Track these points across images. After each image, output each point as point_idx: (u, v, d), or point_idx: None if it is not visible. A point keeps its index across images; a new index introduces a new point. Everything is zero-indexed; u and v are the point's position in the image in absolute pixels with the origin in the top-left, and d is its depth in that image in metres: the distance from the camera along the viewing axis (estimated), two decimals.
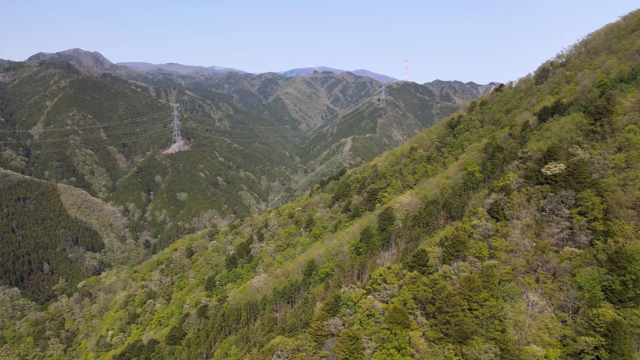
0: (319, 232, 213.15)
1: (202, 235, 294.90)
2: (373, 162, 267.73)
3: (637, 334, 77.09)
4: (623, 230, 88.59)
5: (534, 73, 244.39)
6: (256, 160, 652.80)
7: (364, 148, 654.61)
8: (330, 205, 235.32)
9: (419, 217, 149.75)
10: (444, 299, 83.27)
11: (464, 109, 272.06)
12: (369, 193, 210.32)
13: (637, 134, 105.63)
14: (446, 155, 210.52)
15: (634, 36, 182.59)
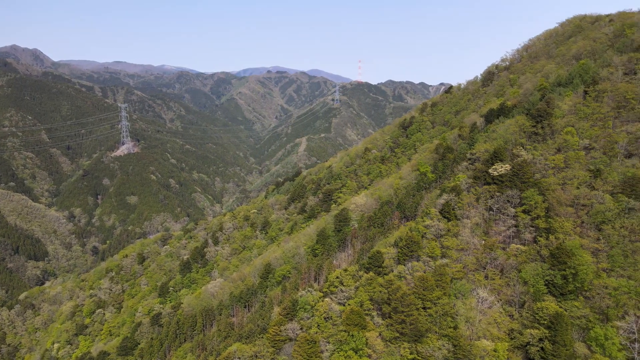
0: (275, 234, 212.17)
1: (155, 240, 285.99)
2: (328, 163, 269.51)
3: (577, 325, 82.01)
4: (563, 227, 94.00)
5: (481, 76, 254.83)
6: (210, 161, 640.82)
7: (319, 148, 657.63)
8: (286, 206, 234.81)
9: (374, 217, 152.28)
10: (399, 299, 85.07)
11: (415, 109, 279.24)
12: (325, 194, 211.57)
13: (574, 136, 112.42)
14: (399, 156, 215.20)
15: (570, 42, 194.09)
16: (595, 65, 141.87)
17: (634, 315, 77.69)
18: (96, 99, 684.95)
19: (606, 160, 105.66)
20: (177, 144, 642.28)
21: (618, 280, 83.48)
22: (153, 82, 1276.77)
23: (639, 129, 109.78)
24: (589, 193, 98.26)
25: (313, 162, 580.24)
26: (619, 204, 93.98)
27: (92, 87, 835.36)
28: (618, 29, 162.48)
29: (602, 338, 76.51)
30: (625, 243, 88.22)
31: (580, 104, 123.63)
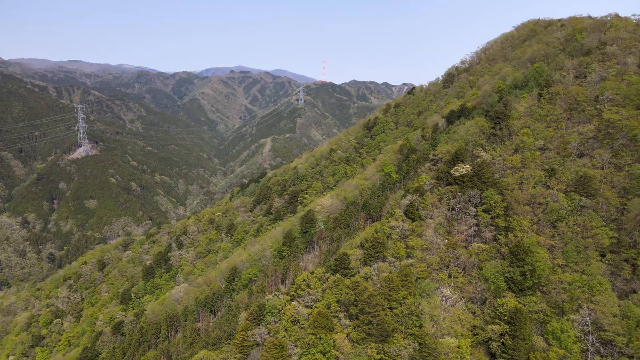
0: (240, 237, 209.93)
1: (116, 246, 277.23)
2: (293, 164, 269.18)
3: (535, 320, 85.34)
4: (521, 225, 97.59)
5: (442, 77, 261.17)
6: (172, 163, 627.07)
7: (284, 148, 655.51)
8: (252, 208, 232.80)
9: (339, 218, 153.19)
10: (365, 300, 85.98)
11: (379, 110, 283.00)
12: (290, 195, 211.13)
13: (530, 137, 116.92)
14: (364, 156, 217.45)
15: (525, 45, 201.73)
16: (549, 69, 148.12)
17: (587, 308, 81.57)
18: (50, 99, 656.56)
19: (560, 160, 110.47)
20: (138, 145, 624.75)
21: (572, 275, 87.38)
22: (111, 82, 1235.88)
23: (589, 130, 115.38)
24: (545, 192, 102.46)
25: (278, 162, 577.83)
26: (571, 202, 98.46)
27: (46, 87, 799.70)
28: (569, 34, 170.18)
29: (559, 331, 79.92)
30: (578, 239, 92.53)
31: (535, 106, 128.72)
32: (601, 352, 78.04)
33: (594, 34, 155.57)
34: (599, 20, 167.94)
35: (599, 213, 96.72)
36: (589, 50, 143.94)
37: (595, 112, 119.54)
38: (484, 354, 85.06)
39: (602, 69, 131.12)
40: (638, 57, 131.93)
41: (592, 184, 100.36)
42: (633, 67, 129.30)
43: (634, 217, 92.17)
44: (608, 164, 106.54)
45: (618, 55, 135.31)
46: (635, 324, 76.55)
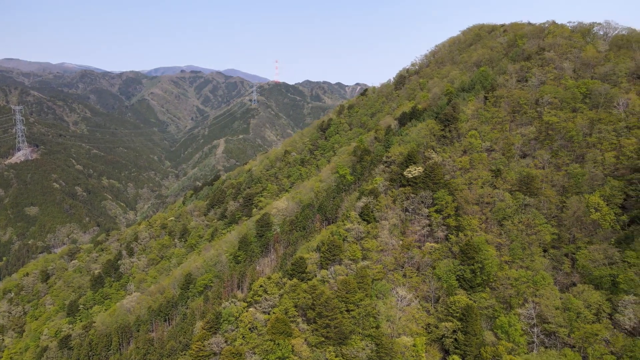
0: (195, 242, 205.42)
1: (61, 255, 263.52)
2: (248, 166, 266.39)
3: (485, 315, 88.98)
4: (470, 225, 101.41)
5: (393, 79, 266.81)
6: (121, 166, 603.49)
7: (237, 149, 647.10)
8: (206, 212, 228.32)
9: (295, 221, 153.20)
10: (323, 303, 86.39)
11: (333, 112, 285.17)
12: (245, 198, 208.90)
13: (478, 139, 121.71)
14: (319, 158, 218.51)
15: (471, 49, 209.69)
16: (493, 73, 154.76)
17: (532, 302, 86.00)
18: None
19: (505, 161, 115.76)
20: (83, 148, 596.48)
21: (518, 271, 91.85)
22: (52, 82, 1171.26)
23: (531, 132, 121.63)
24: (492, 192, 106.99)
25: (232, 164, 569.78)
26: (516, 201, 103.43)
27: None
28: (511, 39, 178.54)
29: (507, 325, 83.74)
30: (522, 237, 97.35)
31: (481, 108, 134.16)
32: (545, 343, 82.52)
33: (533, 40, 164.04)
34: (538, 27, 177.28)
35: (541, 211, 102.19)
36: (529, 55, 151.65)
37: (536, 115, 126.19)
38: (438, 350, 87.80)
39: (542, 74, 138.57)
40: (573, 62, 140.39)
41: (535, 183, 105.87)
42: (569, 71, 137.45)
43: (572, 214, 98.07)
44: (548, 164, 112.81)
45: (555, 60, 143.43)
46: (575, 315, 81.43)
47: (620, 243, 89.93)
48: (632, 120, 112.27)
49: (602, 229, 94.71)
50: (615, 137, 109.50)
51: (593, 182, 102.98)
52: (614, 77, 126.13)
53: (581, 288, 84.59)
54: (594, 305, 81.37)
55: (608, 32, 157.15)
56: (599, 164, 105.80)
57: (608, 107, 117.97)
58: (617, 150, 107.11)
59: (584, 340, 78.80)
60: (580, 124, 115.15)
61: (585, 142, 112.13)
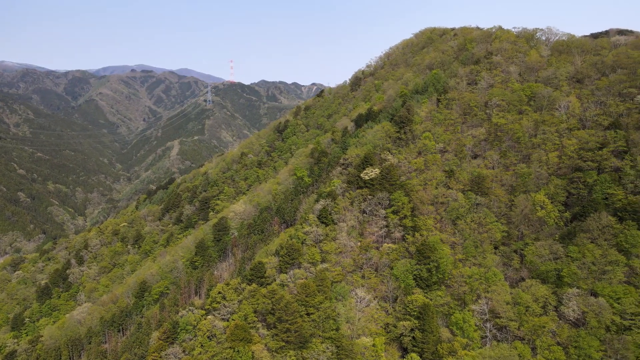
0: (149, 248, 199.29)
1: (3, 265, 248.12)
2: (204, 169, 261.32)
3: (441, 312, 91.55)
4: (426, 225, 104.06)
5: (349, 80, 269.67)
6: (68, 170, 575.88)
7: (193, 151, 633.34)
8: (161, 217, 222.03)
9: (253, 224, 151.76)
10: (283, 308, 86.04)
11: (290, 113, 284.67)
12: (202, 202, 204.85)
13: (431, 140, 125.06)
14: (276, 160, 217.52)
15: (423, 52, 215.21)
16: (445, 75, 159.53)
17: (485, 298, 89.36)
18: None
19: (457, 162, 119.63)
20: (25, 152, 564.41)
21: (471, 268, 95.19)
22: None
23: (481, 133, 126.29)
24: (445, 192, 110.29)
25: (187, 166, 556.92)
26: (468, 200, 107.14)
27: None
28: (461, 43, 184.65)
29: (461, 321, 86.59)
30: (475, 235, 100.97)
31: (434, 110, 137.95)
32: (497, 337, 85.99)
33: (482, 44, 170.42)
34: (486, 32, 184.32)
35: (492, 209, 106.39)
36: (478, 59, 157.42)
37: (486, 117, 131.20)
38: (397, 349, 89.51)
39: (490, 77, 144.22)
40: (519, 66, 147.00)
41: (485, 183, 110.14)
42: (515, 75, 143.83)
43: (520, 212, 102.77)
44: (497, 164, 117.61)
45: (502, 64, 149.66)
46: (524, 309, 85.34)
47: (563, 239, 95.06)
48: (573, 122, 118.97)
49: (547, 226, 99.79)
50: (557, 138, 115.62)
51: (538, 181, 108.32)
52: (556, 81, 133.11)
53: (529, 283, 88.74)
54: (541, 299, 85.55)
55: (550, 38, 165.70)
56: (543, 163, 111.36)
57: (551, 110, 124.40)
58: (560, 150, 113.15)
59: (532, 332, 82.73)
60: (526, 125, 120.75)
61: (530, 142, 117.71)
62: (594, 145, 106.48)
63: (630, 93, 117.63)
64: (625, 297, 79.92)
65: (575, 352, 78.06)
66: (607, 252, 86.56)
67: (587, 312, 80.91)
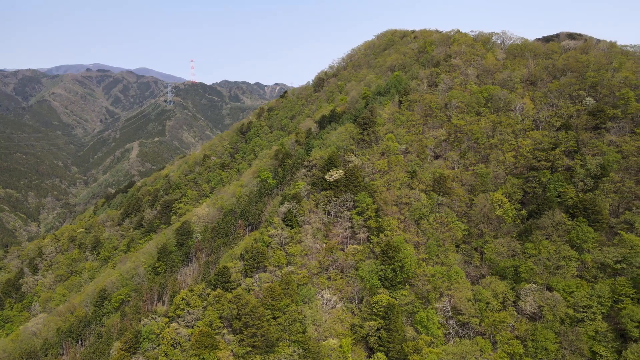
0: (109, 255, 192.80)
1: None
2: (165, 172, 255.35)
3: (405, 311, 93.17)
4: (390, 225, 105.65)
5: (312, 81, 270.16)
6: (19, 174, 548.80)
7: (153, 153, 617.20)
8: (120, 222, 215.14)
9: (217, 228, 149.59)
10: (249, 312, 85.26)
11: (253, 114, 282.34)
12: (163, 206, 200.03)
13: (394, 142, 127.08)
14: (240, 162, 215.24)
15: (385, 54, 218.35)
16: (406, 77, 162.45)
17: (448, 295, 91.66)
18: None
19: (419, 163, 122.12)
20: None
21: (434, 267, 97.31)
22: None
23: (442, 134, 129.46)
24: (408, 192, 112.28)
25: (148, 168, 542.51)
26: (431, 200, 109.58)
27: None
28: (421, 46, 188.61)
29: (425, 320, 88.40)
30: (437, 234, 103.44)
31: (396, 112, 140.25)
32: (460, 333, 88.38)
33: (441, 47, 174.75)
34: (445, 35, 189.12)
35: (453, 209, 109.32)
36: (438, 61, 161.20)
37: (446, 118, 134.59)
38: (363, 349, 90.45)
39: (449, 79, 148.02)
40: (476, 69, 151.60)
41: (446, 183, 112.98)
42: (473, 77, 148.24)
43: (479, 210, 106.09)
44: (458, 164, 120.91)
45: (461, 66, 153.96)
46: (485, 305, 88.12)
47: (520, 236, 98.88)
48: (527, 123, 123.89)
49: (505, 224, 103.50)
50: (513, 139, 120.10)
51: (496, 180, 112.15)
52: (511, 83, 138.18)
53: (489, 280, 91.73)
54: (500, 295, 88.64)
55: (505, 41, 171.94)
56: (501, 163, 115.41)
57: (507, 111, 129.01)
58: (516, 150, 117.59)
59: (492, 327, 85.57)
60: (484, 126, 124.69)
61: (488, 143, 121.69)
62: (547, 146, 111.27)
63: (580, 95, 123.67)
64: (577, 291, 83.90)
65: (532, 345, 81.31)
66: (560, 248, 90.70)
67: (543, 306, 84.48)
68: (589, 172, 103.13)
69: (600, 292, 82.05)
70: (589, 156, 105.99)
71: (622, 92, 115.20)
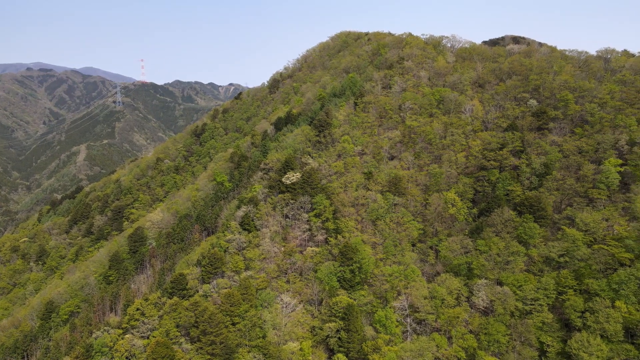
0: (55, 264, 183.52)
1: None
2: (116, 175, 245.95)
3: (365, 311, 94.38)
4: (348, 226, 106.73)
5: (267, 82, 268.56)
6: None
7: (102, 156, 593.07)
8: (68, 229, 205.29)
9: (173, 233, 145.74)
10: (207, 320, 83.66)
11: (207, 116, 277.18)
12: (115, 211, 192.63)
13: (350, 143, 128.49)
14: (194, 165, 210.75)
15: (340, 56, 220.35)
16: (361, 79, 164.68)
17: (405, 294, 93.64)
18: None
19: (375, 164, 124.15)
20: None
21: (392, 267, 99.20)
22: None
23: (396, 136, 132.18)
24: (365, 193, 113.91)
25: (97, 172, 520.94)
26: (387, 201, 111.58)
27: None
28: (375, 48, 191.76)
29: (384, 319, 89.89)
30: (394, 234, 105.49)
31: (352, 114, 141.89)
32: (417, 330, 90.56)
33: (394, 49, 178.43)
34: (397, 37, 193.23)
35: (409, 209, 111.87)
36: (391, 64, 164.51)
37: (400, 120, 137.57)
38: (324, 351, 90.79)
39: (402, 81, 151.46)
40: (428, 71, 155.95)
41: (402, 183, 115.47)
42: (425, 80, 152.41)
43: (434, 210, 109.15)
44: (412, 165, 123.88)
45: (413, 69, 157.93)
46: (440, 302, 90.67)
47: (472, 233, 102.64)
48: (477, 124, 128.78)
49: (458, 222, 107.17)
50: (464, 139, 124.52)
51: (449, 180, 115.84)
52: (461, 86, 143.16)
53: (444, 277, 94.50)
54: (454, 291, 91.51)
55: (454, 45, 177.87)
56: (453, 163, 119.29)
57: (458, 113, 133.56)
58: (467, 150, 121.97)
59: (448, 323, 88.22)
60: (436, 127, 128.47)
61: (441, 144, 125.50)
62: (495, 146, 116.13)
63: (524, 97, 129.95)
64: (525, 284, 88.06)
65: (485, 339, 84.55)
66: (509, 244, 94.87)
67: (495, 300, 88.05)
68: (534, 171, 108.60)
69: (546, 284, 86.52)
70: (533, 155, 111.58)
71: (562, 95, 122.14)
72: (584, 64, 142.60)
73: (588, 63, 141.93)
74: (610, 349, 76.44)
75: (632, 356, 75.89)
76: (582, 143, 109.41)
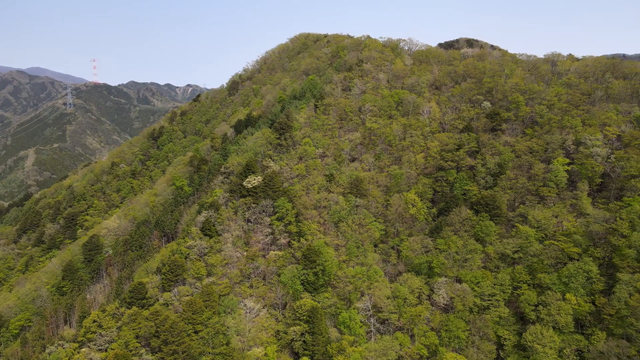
0: (3, 276, 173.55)
1: None
2: (68, 181, 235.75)
3: (329, 313, 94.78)
4: (310, 229, 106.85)
5: (226, 84, 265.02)
6: None
7: (53, 161, 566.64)
8: (16, 239, 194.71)
9: (130, 240, 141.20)
10: (168, 329, 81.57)
11: (165, 119, 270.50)
12: (67, 219, 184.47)
13: (311, 146, 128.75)
14: (152, 169, 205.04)
15: (299, 58, 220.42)
16: (321, 81, 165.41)
17: (368, 294, 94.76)
18: None
19: (337, 166, 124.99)
20: None
21: (355, 268, 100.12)
22: None
23: (357, 137, 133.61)
24: (327, 195, 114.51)
25: (47, 177, 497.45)
26: (349, 202, 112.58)
27: None
28: (334, 50, 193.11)
29: (348, 320, 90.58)
30: (356, 236, 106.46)
31: (312, 116, 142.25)
32: (381, 330, 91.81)
33: (353, 52, 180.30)
34: (356, 40, 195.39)
35: (370, 210, 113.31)
36: (350, 66, 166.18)
37: (360, 122, 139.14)
38: (289, 355, 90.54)
39: (362, 84, 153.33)
40: (387, 74, 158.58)
41: (363, 185, 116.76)
42: (384, 82, 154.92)
43: (395, 210, 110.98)
44: (373, 166, 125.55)
45: (372, 71, 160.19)
46: (402, 301, 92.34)
47: (432, 233, 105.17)
48: (435, 126, 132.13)
49: (419, 222, 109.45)
50: (423, 141, 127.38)
51: (409, 181, 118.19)
52: (419, 88, 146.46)
53: (405, 276, 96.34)
54: (416, 290, 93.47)
55: (411, 48, 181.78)
56: (412, 164, 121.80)
57: (416, 114, 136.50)
58: (425, 152, 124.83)
59: (410, 322, 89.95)
60: (395, 129, 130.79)
61: (401, 145, 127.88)
62: (452, 147, 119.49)
63: (478, 100, 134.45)
64: (483, 281, 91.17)
65: (446, 335, 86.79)
66: (467, 242, 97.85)
67: (454, 297, 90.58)
68: (489, 171, 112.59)
69: (502, 280, 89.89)
70: (488, 156, 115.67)
71: (514, 97, 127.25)
72: (533, 67, 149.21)
73: (537, 66, 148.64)
74: (562, 339, 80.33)
75: (582, 346, 79.99)
76: (532, 143, 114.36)
